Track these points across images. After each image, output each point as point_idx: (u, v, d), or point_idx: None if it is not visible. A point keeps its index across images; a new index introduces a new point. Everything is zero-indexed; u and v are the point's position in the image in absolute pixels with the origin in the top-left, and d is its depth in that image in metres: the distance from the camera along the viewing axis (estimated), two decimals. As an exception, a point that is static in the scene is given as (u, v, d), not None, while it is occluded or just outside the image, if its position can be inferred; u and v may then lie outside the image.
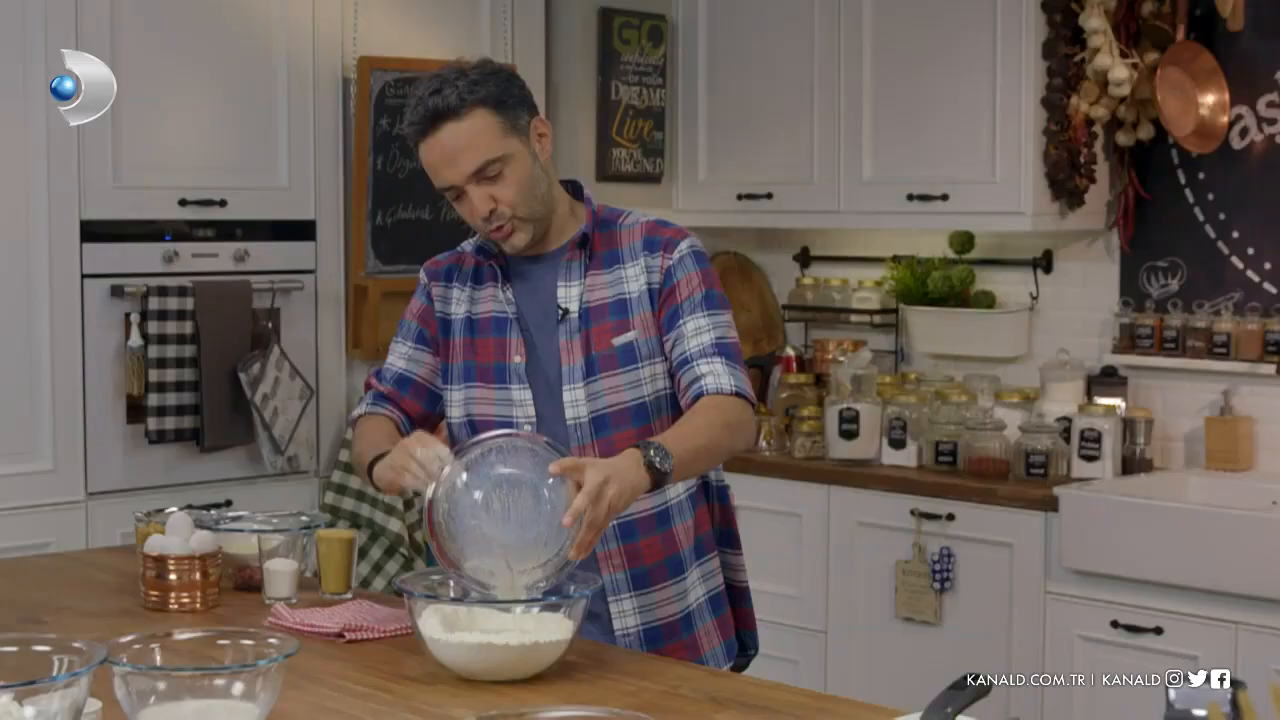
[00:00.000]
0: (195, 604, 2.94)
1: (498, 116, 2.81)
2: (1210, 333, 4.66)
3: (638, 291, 2.89)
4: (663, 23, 5.51)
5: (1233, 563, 4.05)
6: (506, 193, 2.83)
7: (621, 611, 2.90)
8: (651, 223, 2.95)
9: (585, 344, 2.88)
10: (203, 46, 4.56)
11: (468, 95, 2.79)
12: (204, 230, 4.62)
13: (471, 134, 2.80)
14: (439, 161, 2.83)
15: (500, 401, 2.92)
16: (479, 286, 2.99)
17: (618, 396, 2.87)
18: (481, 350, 2.95)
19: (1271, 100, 4.58)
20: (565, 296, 2.90)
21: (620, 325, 2.88)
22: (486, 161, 2.80)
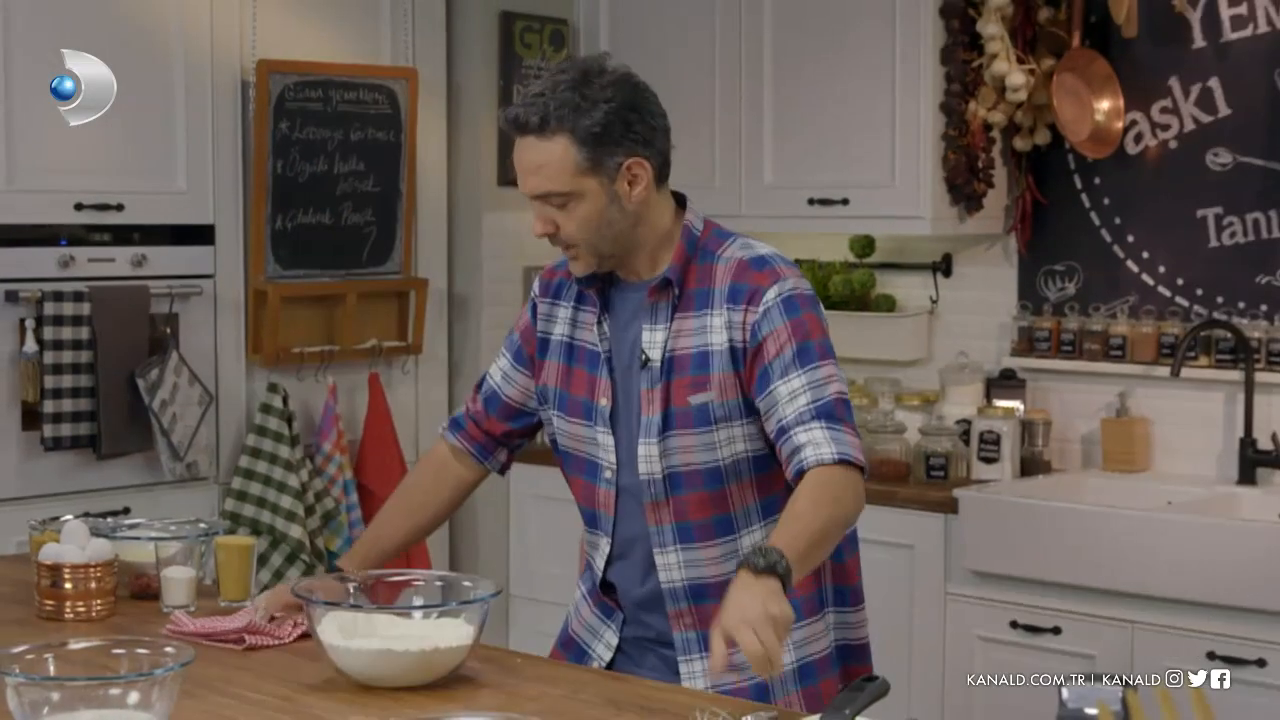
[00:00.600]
0: (91, 613, 2.91)
1: (582, 151, 2.61)
2: (1106, 336, 4.72)
3: (720, 347, 2.67)
4: (564, 27, 5.51)
5: (1129, 563, 4.09)
6: (567, 225, 2.66)
7: (690, 672, 2.72)
8: (743, 262, 2.70)
9: (665, 396, 2.69)
10: (99, 48, 4.45)
11: (558, 120, 2.60)
12: (100, 235, 4.57)
13: (545, 159, 2.62)
14: (517, 164, 2.69)
15: (588, 441, 2.78)
16: (581, 308, 2.81)
17: (690, 456, 2.68)
18: (575, 381, 2.80)
19: (1165, 106, 4.65)
20: (649, 342, 2.71)
21: (699, 382, 2.67)
22: (550, 193, 2.64)
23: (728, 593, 2.39)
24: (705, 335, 2.68)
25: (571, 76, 2.64)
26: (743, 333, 2.66)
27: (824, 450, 2.57)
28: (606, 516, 2.79)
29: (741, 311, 2.66)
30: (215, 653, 2.67)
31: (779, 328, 2.64)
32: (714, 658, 2.32)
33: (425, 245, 5.28)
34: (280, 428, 4.79)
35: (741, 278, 2.68)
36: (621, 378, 2.75)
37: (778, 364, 2.63)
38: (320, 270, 4.97)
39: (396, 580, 2.78)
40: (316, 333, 5.00)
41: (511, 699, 2.47)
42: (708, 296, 2.69)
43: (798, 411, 2.60)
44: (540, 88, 2.64)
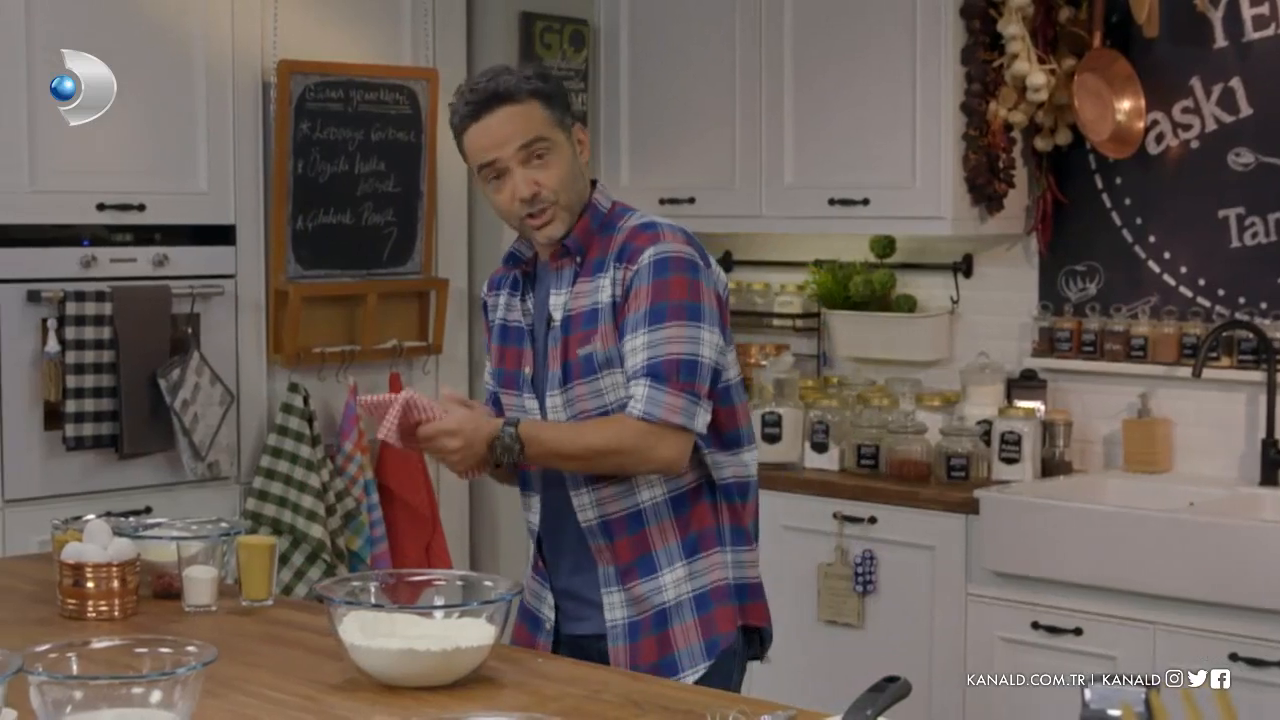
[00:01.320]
0: (113, 612, 2.92)
1: (548, 110, 2.91)
2: (1128, 336, 4.70)
3: (606, 302, 2.92)
4: (584, 27, 5.51)
5: (1150, 564, 4.08)
6: (550, 177, 2.90)
7: (611, 604, 2.96)
8: (635, 227, 2.96)
9: (563, 351, 2.94)
10: (121, 49, 4.50)
11: (524, 85, 2.90)
12: (122, 235, 4.58)
13: (525, 116, 2.89)
14: (488, 143, 2.91)
15: (518, 409, 3.03)
16: (514, 293, 3.08)
17: (584, 404, 2.92)
18: (508, 358, 3.07)
19: (1186, 106, 4.63)
20: (554, 305, 2.97)
21: (587, 336, 2.92)
22: (537, 137, 2.89)
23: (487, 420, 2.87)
24: (596, 294, 2.93)
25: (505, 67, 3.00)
26: (620, 288, 2.90)
27: (635, 406, 2.84)
28: (532, 474, 3.04)
29: (623, 269, 2.90)
30: (236, 652, 2.68)
31: (643, 286, 2.87)
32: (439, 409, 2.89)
33: (446, 245, 5.29)
34: (301, 427, 4.80)
35: (630, 239, 2.93)
36: (539, 345, 3.00)
37: (630, 320, 2.88)
38: (341, 270, 4.97)
39: (418, 580, 2.79)
40: (337, 333, 5.00)
41: (533, 699, 2.47)
42: (602, 262, 2.94)
43: (634, 367, 2.86)
44: (488, 75, 2.95)
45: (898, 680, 2.41)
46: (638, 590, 2.94)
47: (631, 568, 2.95)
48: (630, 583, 2.95)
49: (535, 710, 2.37)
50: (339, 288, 4.96)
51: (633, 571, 2.95)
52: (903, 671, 2.56)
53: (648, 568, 2.95)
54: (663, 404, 2.82)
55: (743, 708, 2.37)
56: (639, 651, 2.91)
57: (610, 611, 2.96)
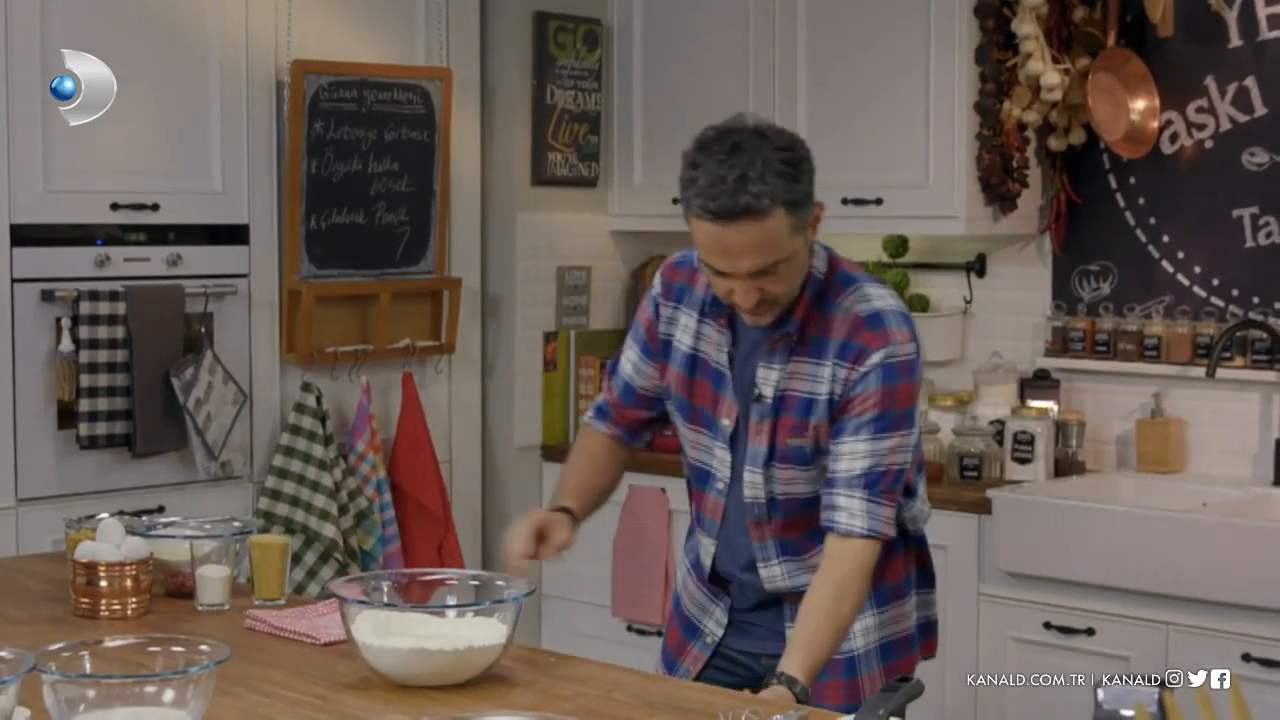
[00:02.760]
0: (126, 611, 2.92)
1: (793, 217, 2.67)
2: (1141, 336, 4.70)
3: (823, 397, 2.81)
4: (598, 27, 5.51)
5: (1164, 564, 4.08)
6: (777, 288, 2.73)
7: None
8: (859, 319, 2.81)
9: (771, 431, 2.85)
10: (135, 49, 4.52)
11: (772, 196, 2.63)
12: (136, 234, 4.58)
13: (764, 236, 2.65)
14: (719, 250, 2.69)
15: (705, 450, 2.94)
16: (705, 320, 2.91)
17: (794, 487, 2.87)
18: (699, 393, 2.92)
19: (1201, 105, 4.62)
20: (764, 379, 2.84)
21: (799, 426, 2.83)
22: (772, 263, 2.69)
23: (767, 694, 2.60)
24: (814, 383, 2.81)
25: (757, 156, 2.64)
26: (842, 387, 2.79)
27: (855, 522, 2.76)
28: (714, 522, 2.96)
29: (847, 368, 2.79)
30: (248, 650, 2.68)
31: (871, 391, 2.77)
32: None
33: (459, 245, 5.29)
34: (314, 427, 4.80)
35: (855, 335, 2.80)
36: (741, 404, 2.87)
37: (853, 421, 2.78)
38: (354, 270, 4.98)
39: (430, 579, 2.79)
40: (350, 332, 5.01)
41: (545, 698, 2.47)
42: (823, 346, 2.81)
43: (850, 473, 2.77)
44: (736, 169, 2.63)
45: (910, 680, 2.42)
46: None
47: None
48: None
49: (547, 709, 2.38)
50: (352, 287, 4.96)
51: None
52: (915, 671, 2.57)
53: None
54: (881, 518, 2.78)
55: (755, 708, 2.37)
56: (824, 692, 2.82)
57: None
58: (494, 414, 5.41)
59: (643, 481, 5.06)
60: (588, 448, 3.12)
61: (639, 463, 5.12)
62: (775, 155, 2.65)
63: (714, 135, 2.69)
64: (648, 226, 5.51)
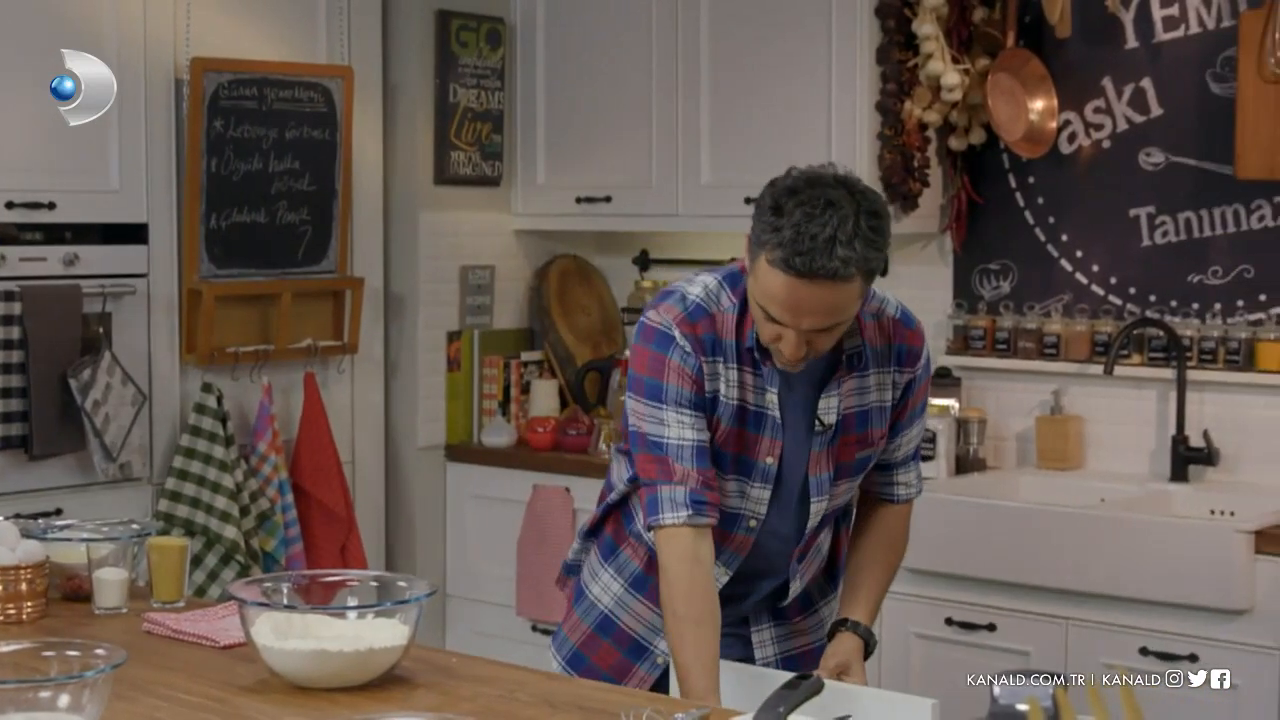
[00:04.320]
0: (21, 615, 2.89)
1: (867, 283, 2.65)
2: (1041, 334, 4.75)
3: (879, 404, 2.86)
4: (501, 25, 5.49)
5: (1063, 560, 4.12)
6: (825, 343, 2.69)
7: (761, 641, 3.02)
8: (896, 321, 2.86)
9: (835, 455, 2.85)
10: (30, 45, 4.46)
11: (858, 264, 2.57)
12: (32, 233, 4.52)
13: (838, 300, 2.60)
14: (788, 305, 2.60)
15: (734, 494, 2.82)
16: (745, 369, 2.78)
17: (838, 501, 2.94)
18: (741, 441, 2.80)
19: (1098, 106, 4.68)
20: (825, 409, 2.80)
21: (864, 439, 2.87)
22: (837, 323, 2.66)
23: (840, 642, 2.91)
24: (865, 395, 2.85)
25: (850, 211, 2.57)
26: (898, 391, 2.89)
27: (913, 489, 3.04)
28: (736, 556, 2.91)
29: (905, 374, 2.89)
30: (146, 654, 2.65)
31: (921, 384, 2.93)
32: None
33: (361, 244, 5.26)
34: (215, 428, 4.76)
35: (899, 338, 2.88)
36: (788, 439, 2.82)
37: (909, 415, 2.94)
38: (255, 269, 4.94)
39: (331, 580, 2.77)
40: (251, 332, 4.97)
41: (447, 699, 2.47)
42: (867, 358, 2.84)
43: (906, 453, 2.99)
44: (828, 230, 2.55)
45: (810, 678, 2.43)
46: (802, 625, 3.06)
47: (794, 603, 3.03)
48: (795, 618, 3.04)
49: (448, 710, 2.37)
50: (253, 287, 4.92)
51: (795, 607, 3.03)
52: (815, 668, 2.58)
53: (806, 603, 3.06)
54: (921, 474, 3.09)
55: (657, 706, 2.38)
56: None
57: (761, 649, 3.02)
58: (397, 414, 5.39)
59: (547, 481, 5.05)
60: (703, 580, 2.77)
61: (542, 462, 5.13)
62: (865, 220, 2.58)
63: (804, 183, 2.60)
64: (551, 225, 5.50)
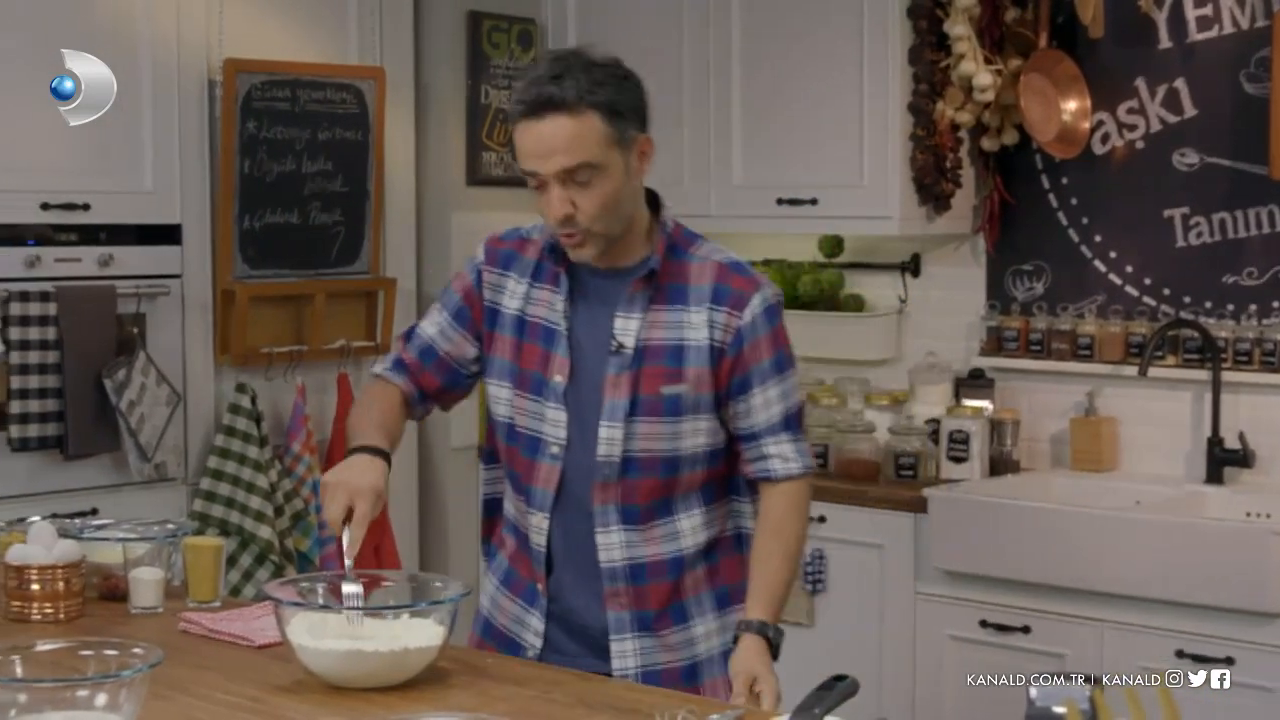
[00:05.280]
0: (58, 614, 2.90)
1: (608, 125, 2.68)
2: (1074, 335, 4.73)
3: (698, 343, 2.77)
4: (532, 26, 5.50)
5: (1098, 562, 4.11)
6: (589, 204, 2.68)
7: (622, 651, 2.82)
8: (723, 266, 2.81)
9: (634, 383, 2.77)
10: (66, 46, 4.47)
11: (587, 94, 2.65)
12: (67, 234, 4.54)
13: (575, 133, 2.65)
14: (533, 149, 2.68)
15: (534, 415, 2.82)
16: (537, 284, 2.85)
17: (653, 444, 2.78)
18: (526, 355, 2.83)
19: (1132, 106, 4.66)
20: (622, 329, 2.78)
21: (673, 374, 2.77)
22: (581, 164, 2.66)
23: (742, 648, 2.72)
24: (681, 330, 2.78)
25: (578, 60, 2.71)
26: (725, 333, 2.78)
27: (792, 464, 2.83)
28: (546, 493, 2.83)
29: (725, 313, 2.78)
30: (182, 653, 2.66)
31: (761, 337, 2.80)
32: (737, 696, 2.65)
33: (393, 245, 5.27)
34: (249, 428, 4.77)
35: (725, 280, 2.80)
36: (582, 358, 2.80)
37: (757, 372, 2.80)
38: (288, 270, 4.95)
39: (367, 580, 2.78)
40: (285, 333, 4.98)
41: (482, 699, 2.47)
42: (683, 292, 2.79)
43: (770, 421, 2.82)
44: (555, 70, 2.68)
45: (845, 679, 2.42)
46: (671, 639, 2.84)
47: (664, 614, 2.83)
48: (663, 630, 2.83)
49: (483, 710, 2.37)
50: (286, 287, 4.93)
51: (665, 619, 2.84)
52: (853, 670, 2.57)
53: (680, 615, 2.85)
54: (807, 453, 2.86)
55: (691, 707, 2.38)
56: None
57: (621, 660, 2.81)
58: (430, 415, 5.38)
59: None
60: (383, 396, 2.96)
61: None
62: (598, 68, 2.70)
63: (544, 54, 2.80)
64: (583, 226, 5.50)
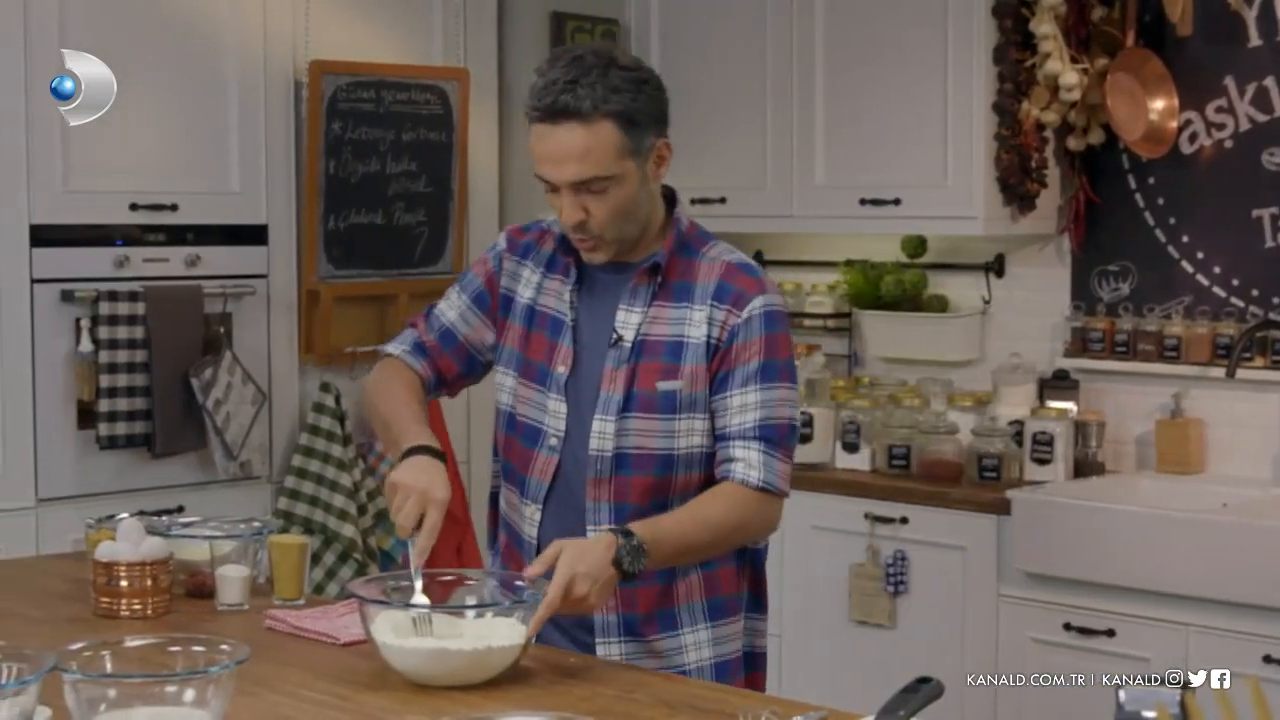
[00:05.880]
0: (146, 611, 2.92)
1: (624, 134, 2.64)
2: (1161, 336, 4.69)
3: (697, 340, 2.72)
4: (615, 26, 5.51)
5: (1184, 565, 4.07)
6: (601, 212, 2.67)
7: (607, 655, 2.77)
8: (731, 265, 2.77)
9: (630, 377, 2.73)
10: (154, 50, 4.54)
11: (602, 103, 2.61)
12: (155, 235, 4.60)
13: (589, 144, 2.62)
14: (547, 155, 2.65)
15: (537, 406, 2.81)
16: (549, 275, 2.83)
17: (646, 440, 2.73)
18: (533, 345, 2.82)
19: (1220, 105, 4.61)
20: (623, 322, 2.75)
21: (670, 370, 2.72)
22: (595, 176, 2.64)
23: (589, 540, 2.61)
24: (682, 326, 2.74)
25: (594, 62, 2.64)
26: (721, 331, 2.73)
27: (753, 473, 2.70)
28: (540, 484, 2.80)
29: (725, 311, 2.73)
30: (268, 650, 2.68)
31: (754, 339, 2.73)
32: (536, 567, 2.56)
33: (476, 245, 5.29)
34: (333, 427, 4.81)
35: (730, 279, 2.75)
36: (584, 350, 2.77)
37: (739, 372, 2.72)
38: (372, 270, 4.99)
39: (449, 579, 2.79)
40: (369, 332, 5.01)
41: (564, 699, 2.47)
42: (689, 290, 2.75)
43: (743, 426, 2.71)
44: (570, 75, 2.62)
45: (930, 681, 2.41)
46: (658, 645, 2.77)
47: (651, 619, 2.77)
48: (651, 635, 2.77)
49: (566, 710, 2.37)
50: (370, 287, 4.97)
51: (653, 624, 2.78)
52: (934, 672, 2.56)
53: (668, 622, 2.78)
54: (778, 471, 2.72)
55: (775, 708, 2.37)
56: None
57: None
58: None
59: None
60: (407, 383, 2.90)
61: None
62: (616, 72, 2.64)
63: (563, 51, 2.70)
64: (666, 227, 5.50)
